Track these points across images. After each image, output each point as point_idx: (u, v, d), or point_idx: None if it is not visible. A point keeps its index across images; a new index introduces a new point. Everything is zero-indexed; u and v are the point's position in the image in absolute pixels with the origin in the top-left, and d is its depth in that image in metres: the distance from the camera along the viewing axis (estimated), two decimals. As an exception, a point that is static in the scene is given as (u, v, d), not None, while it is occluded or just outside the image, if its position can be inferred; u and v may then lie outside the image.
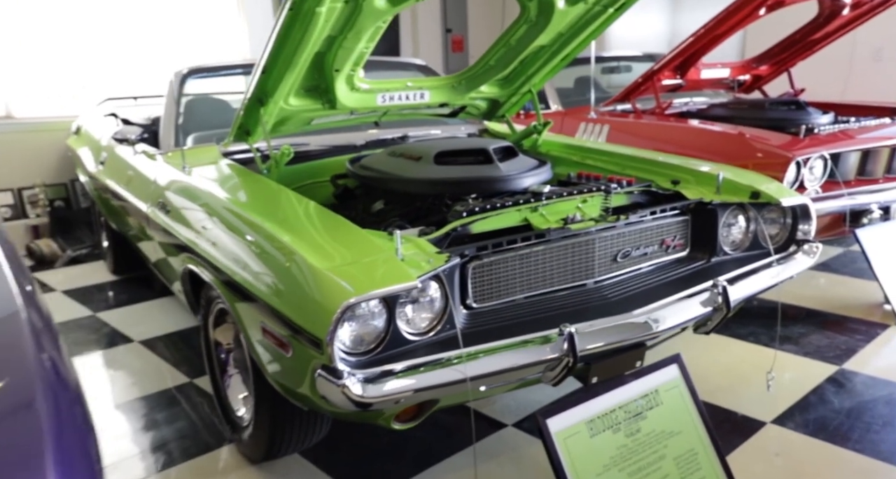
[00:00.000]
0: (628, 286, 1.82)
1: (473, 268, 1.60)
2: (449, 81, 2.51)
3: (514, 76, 2.59)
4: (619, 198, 2.00)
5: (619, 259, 1.84)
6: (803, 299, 3.04)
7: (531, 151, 2.74)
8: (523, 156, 2.31)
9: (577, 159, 2.58)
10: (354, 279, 1.32)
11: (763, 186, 2.05)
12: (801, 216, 2.09)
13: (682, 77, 3.72)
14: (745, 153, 2.91)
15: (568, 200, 1.89)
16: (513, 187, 2.01)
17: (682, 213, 1.99)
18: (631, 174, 2.32)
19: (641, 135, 3.39)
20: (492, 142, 2.20)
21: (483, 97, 2.67)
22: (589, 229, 1.75)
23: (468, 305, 1.62)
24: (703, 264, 1.99)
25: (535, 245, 1.69)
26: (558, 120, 3.93)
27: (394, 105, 2.42)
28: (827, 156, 2.86)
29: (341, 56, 1.96)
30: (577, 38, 2.37)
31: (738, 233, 2.06)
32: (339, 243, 1.50)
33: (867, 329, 2.70)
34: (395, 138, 2.75)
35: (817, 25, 3.57)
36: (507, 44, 2.33)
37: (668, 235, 1.96)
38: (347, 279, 1.32)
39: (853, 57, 4.76)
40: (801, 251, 2.07)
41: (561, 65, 2.57)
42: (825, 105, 3.78)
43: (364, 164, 2.21)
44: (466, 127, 3.10)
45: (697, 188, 2.10)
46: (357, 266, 1.36)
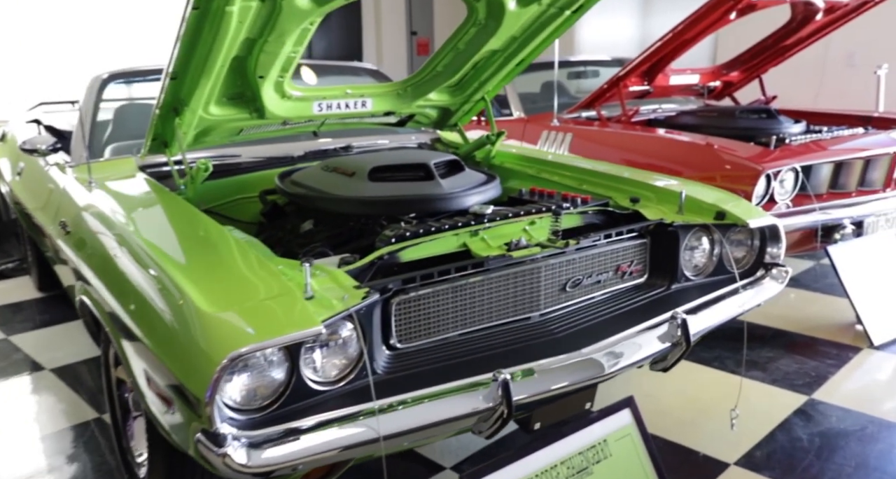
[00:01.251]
0: (578, 319, 1.64)
1: (398, 304, 1.40)
2: (393, 88, 2.31)
3: (466, 83, 2.40)
4: (571, 219, 1.82)
5: (568, 289, 1.66)
6: (772, 319, 2.89)
7: (484, 163, 2.55)
8: (470, 170, 2.11)
9: (532, 173, 2.40)
10: (244, 325, 1.11)
11: (729, 205, 1.88)
12: (770, 238, 1.93)
13: (649, 83, 3.57)
14: (714, 165, 2.76)
15: (513, 222, 1.70)
16: (456, 206, 1.82)
17: (640, 235, 1.81)
18: (588, 190, 2.15)
19: (605, 144, 3.22)
20: (435, 155, 2.00)
21: (433, 105, 2.48)
22: (534, 256, 1.56)
23: (392, 345, 1.41)
24: (663, 292, 1.81)
25: (471, 275, 1.50)
26: (520, 127, 3.76)
27: (332, 114, 2.21)
28: (798, 168, 2.72)
29: (264, 61, 1.75)
30: (532, 42, 2.19)
31: (701, 257, 1.89)
32: (239, 278, 1.28)
33: (838, 353, 2.55)
34: (338, 149, 2.55)
35: (789, 31, 3.44)
36: (456, 48, 2.14)
37: (625, 261, 1.78)
38: (235, 326, 1.11)
39: (826, 63, 4.66)
40: (769, 276, 1.90)
41: (516, 71, 2.39)
42: (797, 113, 3.65)
43: (295, 179, 2.00)
44: (418, 136, 2.90)
45: (658, 207, 1.93)
46: (251, 308, 1.15)
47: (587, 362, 1.47)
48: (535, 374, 1.39)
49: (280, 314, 1.14)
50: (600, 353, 1.50)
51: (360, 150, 2.59)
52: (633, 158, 3.03)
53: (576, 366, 1.46)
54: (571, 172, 2.31)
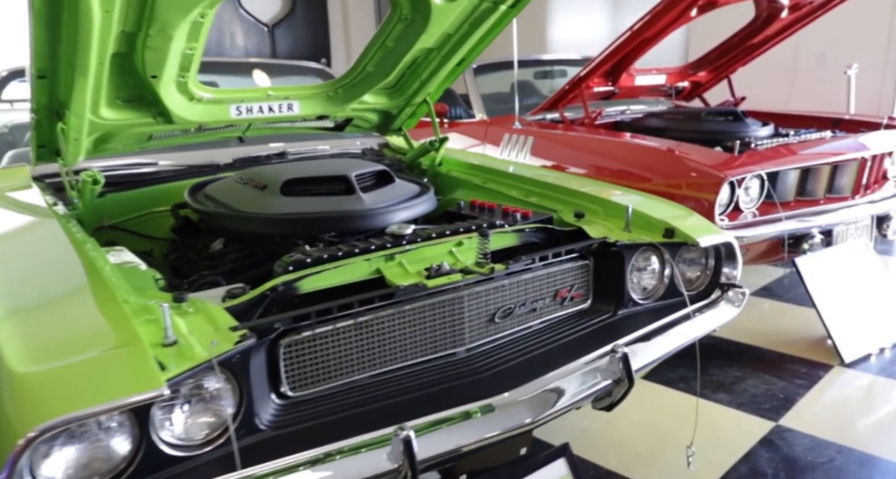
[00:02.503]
0: (509, 354, 1.45)
1: (288, 346, 1.20)
2: (322, 90, 2.12)
3: (404, 84, 2.22)
4: (505, 238, 1.63)
5: (497, 319, 1.47)
6: (741, 332, 2.73)
7: (430, 171, 2.36)
8: (403, 182, 1.93)
9: (478, 182, 2.21)
10: (65, 388, 0.91)
11: (681, 220, 1.71)
12: (726, 257, 1.76)
13: (614, 84, 3.40)
14: (676, 171, 2.59)
15: (438, 243, 1.51)
16: (379, 224, 1.63)
17: (581, 256, 1.63)
18: (534, 203, 1.97)
19: (566, 148, 3.05)
20: (361, 166, 1.81)
21: (370, 108, 2.29)
22: (455, 284, 1.37)
23: (282, 393, 1.22)
24: (609, 318, 1.63)
25: (380, 308, 1.31)
26: (482, 130, 3.58)
27: (254, 118, 2.02)
28: (764, 175, 2.56)
29: (152, 59, 1.54)
30: (469, 39, 2.01)
31: (650, 279, 1.71)
32: (79, 324, 1.06)
33: (808, 371, 2.40)
34: (271, 155, 2.35)
35: (755, 29, 3.29)
36: (385, 46, 1.95)
37: (564, 285, 1.60)
38: (52, 389, 0.90)
39: (797, 63, 4.53)
40: (724, 299, 1.73)
41: (457, 71, 2.21)
42: (765, 115, 3.51)
43: (207, 191, 1.80)
44: (364, 142, 2.71)
45: (604, 223, 1.75)
46: (79, 366, 0.94)
47: (512, 409, 1.28)
48: (445, 425, 1.20)
49: (114, 372, 0.93)
50: (529, 395, 1.32)
51: (296, 156, 2.39)
52: (595, 162, 2.87)
53: (498, 414, 1.27)
54: (518, 182, 2.13)
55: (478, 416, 1.26)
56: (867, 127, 3.22)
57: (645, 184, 2.63)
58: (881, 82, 4.53)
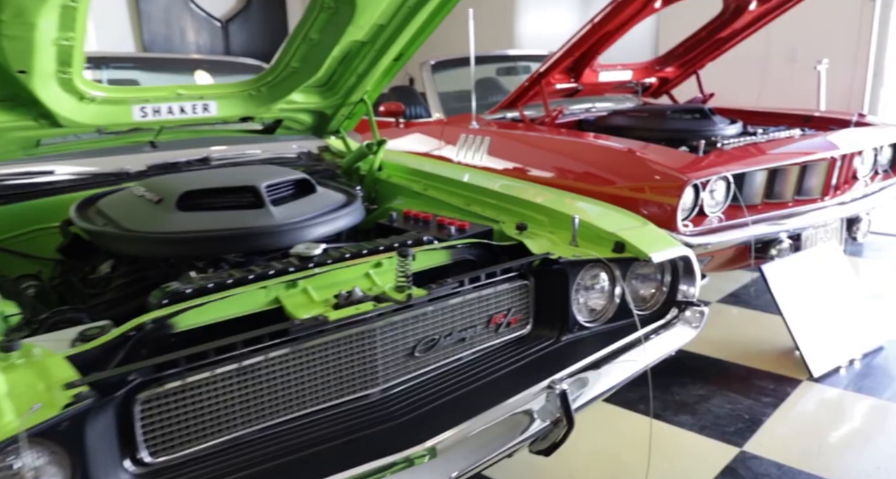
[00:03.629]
0: (432, 393, 1.27)
1: (147, 401, 1.00)
2: (243, 89, 1.91)
3: (336, 82, 2.02)
4: (435, 256, 1.44)
5: (418, 353, 1.28)
6: (706, 344, 2.58)
7: (369, 177, 2.17)
8: (328, 191, 1.73)
9: (418, 189, 2.02)
10: None
11: (633, 232, 1.53)
12: (684, 272, 1.59)
13: (577, 80, 3.23)
14: (639, 174, 2.42)
15: (352, 265, 1.32)
16: (293, 241, 1.44)
17: (520, 275, 1.45)
18: (476, 212, 1.78)
19: (525, 149, 2.87)
20: (277, 174, 1.61)
21: (301, 108, 2.08)
22: (367, 314, 1.18)
23: (139, 459, 1.02)
24: (550, 345, 1.45)
25: (273, 347, 1.11)
26: (438, 130, 3.38)
27: (163, 121, 1.80)
28: (730, 177, 2.40)
29: (14, 50, 1.32)
30: (404, 31, 1.81)
31: (599, 298, 1.53)
32: None
33: (776, 387, 2.25)
34: (192, 161, 2.13)
35: (724, 22, 3.14)
36: (309, 39, 1.75)
37: (500, 309, 1.41)
38: None
39: (768, 58, 4.41)
40: (681, 319, 1.56)
41: (396, 67, 2.02)
42: (733, 112, 3.36)
43: (100, 206, 1.59)
44: (302, 145, 2.50)
45: (548, 237, 1.57)
46: None
47: (431, 463, 1.10)
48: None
49: None
50: (452, 445, 1.14)
51: (221, 162, 2.18)
52: (557, 164, 2.69)
53: (416, 470, 1.09)
54: (461, 189, 1.94)
55: (392, 472, 1.08)
56: (837, 124, 3.09)
57: (608, 187, 2.46)
58: (851, 78, 4.43)
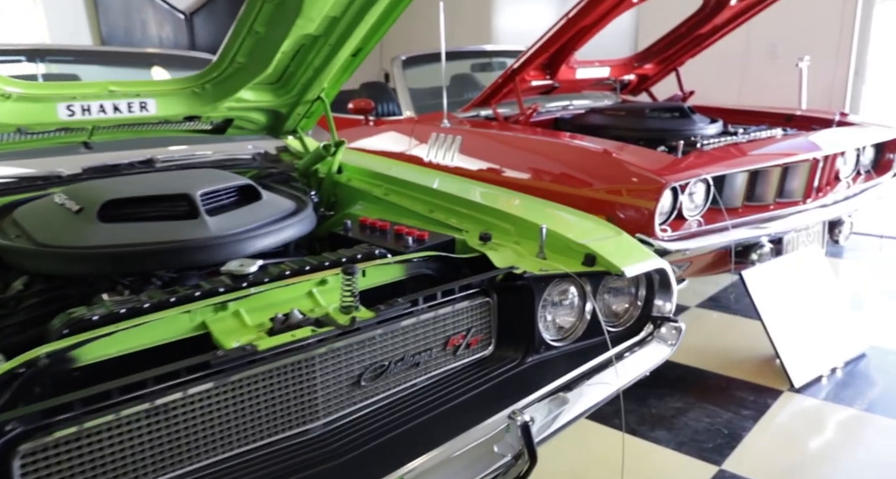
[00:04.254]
0: (380, 427, 1.14)
1: (30, 453, 0.85)
2: (186, 86, 1.76)
3: (290, 79, 1.88)
4: (387, 271, 1.31)
5: (364, 382, 1.16)
6: (685, 352, 2.48)
7: (327, 180, 2.03)
8: (277, 198, 1.60)
9: (379, 194, 1.89)
10: None
11: (605, 243, 1.42)
12: (659, 286, 1.48)
13: (552, 77, 3.11)
14: (615, 176, 2.30)
15: (293, 283, 1.19)
16: (231, 255, 1.30)
17: (482, 292, 1.32)
18: (438, 220, 1.66)
19: (498, 149, 2.74)
20: (217, 179, 1.47)
21: (253, 107, 1.94)
22: (304, 341, 1.05)
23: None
24: (514, 368, 1.33)
25: (192, 382, 0.97)
26: (409, 129, 3.25)
27: (95, 120, 1.65)
28: (709, 180, 2.30)
29: None
30: (360, 24, 1.68)
31: (568, 315, 1.41)
32: None
33: (756, 399, 2.15)
34: (134, 163, 1.98)
35: (703, 18, 3.03)
36: (254, 32, 1.61)
37: (458, 330, 1.29)
38: None
39: (748, 55, 4.32)
40: (655, 337, 1.45)
41: (354, 62, 1.88)
42: (714, 110, 3.26)
43: (16, 215, 1.44)
44: (258, 145, 2.35)
45: (514, 248, 1.45)
46: None
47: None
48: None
49: None
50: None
51: (167, 165, 2.03)
52: (533, 165, 2.56)
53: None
54: (424, 194, 1.81)
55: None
56: (819, 124, 3.01)
57: (585, 189, 2.34)
58: (833, 75, 4.36)
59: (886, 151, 2.98)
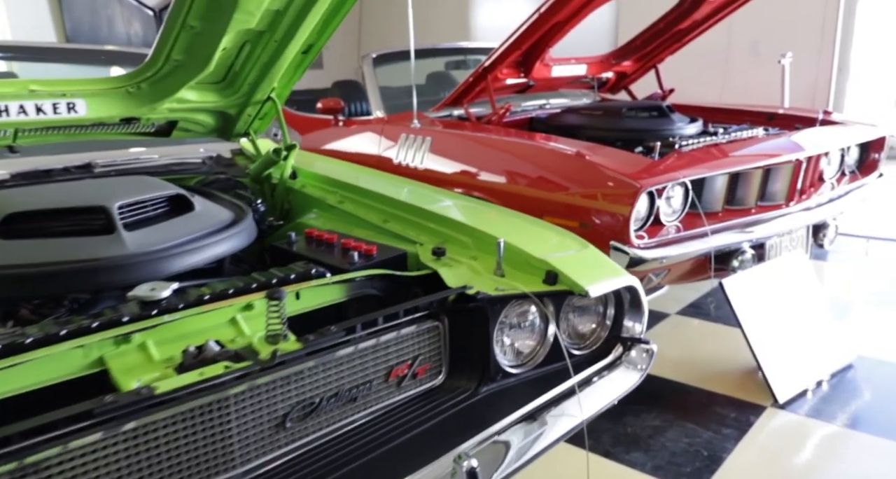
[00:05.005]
0: (308, 473, 1.01)
1: None
2: (118, 85, 1.62)
3: (236, 78, 1.74)
4: (326, 293, 1.18)
5: (290, 423, 1.02)
6: (664, 363, 2.37)
7: (280, 187, 1.90)
8: (210, 209, 1.46)
9: (333, 202, 1.76)
10: None
11: (570, 258, 1.29)
12: (630, 304, 1.35)
13: (527, 75, 2.98)
14: (590, 180, 2.17)
15: (213, 309, 1.05)
16: (153, 275, 1.16)
17: (431, 315, 1.19)
18: (394, 230, 1.53)
19: (468, 150, 2.61)
20: (139, 189, 1.33)
21: (197, 108, 1.80)
22: (216, 380, 0.92)
23: None
24: (467, 399, 1.20)
25: (75, 434, 0.84)
26: (378, 129, 3.11)
27: (17, 122, 1.51)
28: (688, 183, 2.18)
29: None
30: (306, 19, 1.54)
31: (528, 339, 1.29)
32: None
33: (738, 416, 2.04)
34: (70, 168, 1.83)
35: (682, 12, 2.92)
36: (188, 27, 1.47)
37: (403, 359, 1.16)
38: None
39: (730, 51, 4.22)
40: (624, 361, 1.33)
41: (306, 60, 1.75)
42: (694, 109, 3.16)
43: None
44: (210, 148, 2.22)
45: (470, 263, 1.32)
46: None
47: None
48: None
49: None
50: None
51: (106, 170, 1.88)
52: (502, 167, 2.44)
53: None
54: (379, 202, 1.68)
55: None
56: (802, 122, 2.91)
57: (561, 193, 2.22)
58: (816, 72, 4.28)
59: (871, 151, 2.89)
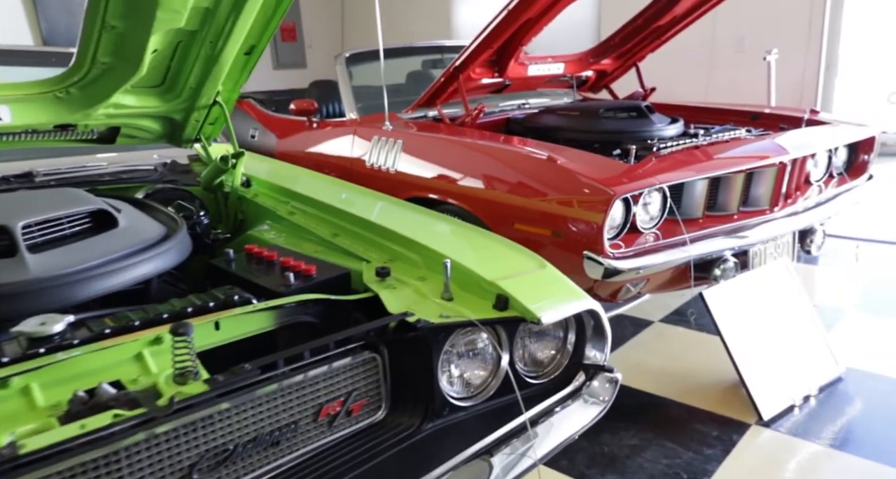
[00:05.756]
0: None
1: None
2: (45, 90, 1.50)
3: (175, 81, 1.62)
4: (252, 321, 1.06)
5: (197, 476, 0.90)
6: (645, 375, 2.26)
7: (233, 196, 1.78)
8: (138, 225, 1.33)
9: (284, 213, 1.64)
10: None
11: (524, 279, 1.18)
12: (594, 329, 1.24)
13: (502, 75, 2.86)
14: (560, 185, 2.05)
15: (112, 346, 0.93)
16: (59, 302, 1.04)
17: (368, 345, 1.08)
18: (343, 246, 1.41)
19: (437, 154, 2.49)
20: (51, 205, 1.21)
21: (138, 113, 1.68)
22: (99, 433, 0.80)
23: None
24: (409, 437, 1.08)
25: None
26: (351, 132, 2.99)
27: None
28: (666, 189, 2.07)
29: None
30: (241, 17, 1.42)
31: (479, 369, 1.17)
32: None
33: (720, 434, 1.93)
34: (9, 177, 1.72)
35: (661, 8, 2.80)
36: (108, 26, 1.35)
37: (335, 396, 1.04)
38: None
39: (715, 48, 4.11)
40: (584, 393, 1.21)
41: (251, 62, 1.63)
42: (676, 109, 3.05)
43: None
44: (164, 153, 2.10)
45: (416, 285, 1.20)
46: None
47: None
48: None
49: None
50: None
51: (48, 179, 1.77)
52: (471, 171, 2.32)
53: None
54: (330, 214, 1.57)
55: None
56: (788, 123, 2.80)
57: (533, 200, 2.10)
58: (803, 68, 4.17)
59: (860, 152, 2.78)
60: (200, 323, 1.00)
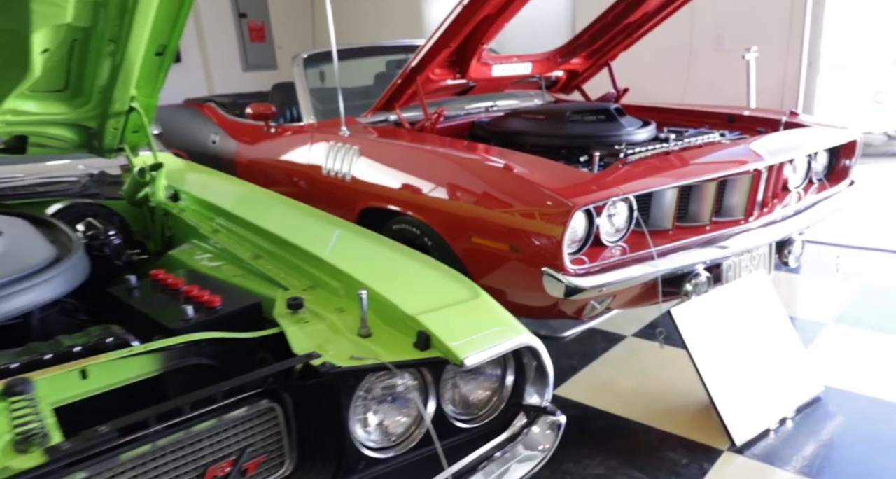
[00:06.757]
0: None
1: None
2: (-73, 98, 1.33)
3: (80, 85, 1.46)
4: (128, 367, 0.91)
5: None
6: (614, 396, 2.12)
7: (158, 211, 1.62)
8: (32, 245, 1.18)
9: (207, 232, 1.48)
10: None
11: (448, 313, 1.03)
12: (536, 369, 1.10)
13: (464, 76, 2.72)
14: (517, 196, 1.89)
15: None
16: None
17: (267, 392, 0.93)
18: (263, 270, 1.26)
19: (393, 160, 2.34)
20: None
21: (45, 121, 1.52)
22: None
23: None
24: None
25: None
26: (308, 137, 2.83)
27: None
28: (632, 199, 1.94)
29: None
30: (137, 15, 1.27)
31: (400, 415, 1.02)
32: None
33: (690, 462, 1.80)
34: None
35: (630, 4, 2.67)
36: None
37: (225, 454, 0.89)
38: None
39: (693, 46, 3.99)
40: (526, 436, 1.07)
41: (164, 63, 1.48)
42: (649, 111, 2.92)
43: None
44: (91, 163, 1.94)
45: (331, 319, 1.05)
46: None
47: None
48: None
49: None
50: None
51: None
52: (426, 179, 2.17)
53: None
54: (254, 234, 1.41)
55: None
56: (765, 125, 2.68)
57: (489, 211, 1.95)
58: (784, 67, 4.06)
59: (842, 156, 2.66)
60: (62, 372, 0.85)
